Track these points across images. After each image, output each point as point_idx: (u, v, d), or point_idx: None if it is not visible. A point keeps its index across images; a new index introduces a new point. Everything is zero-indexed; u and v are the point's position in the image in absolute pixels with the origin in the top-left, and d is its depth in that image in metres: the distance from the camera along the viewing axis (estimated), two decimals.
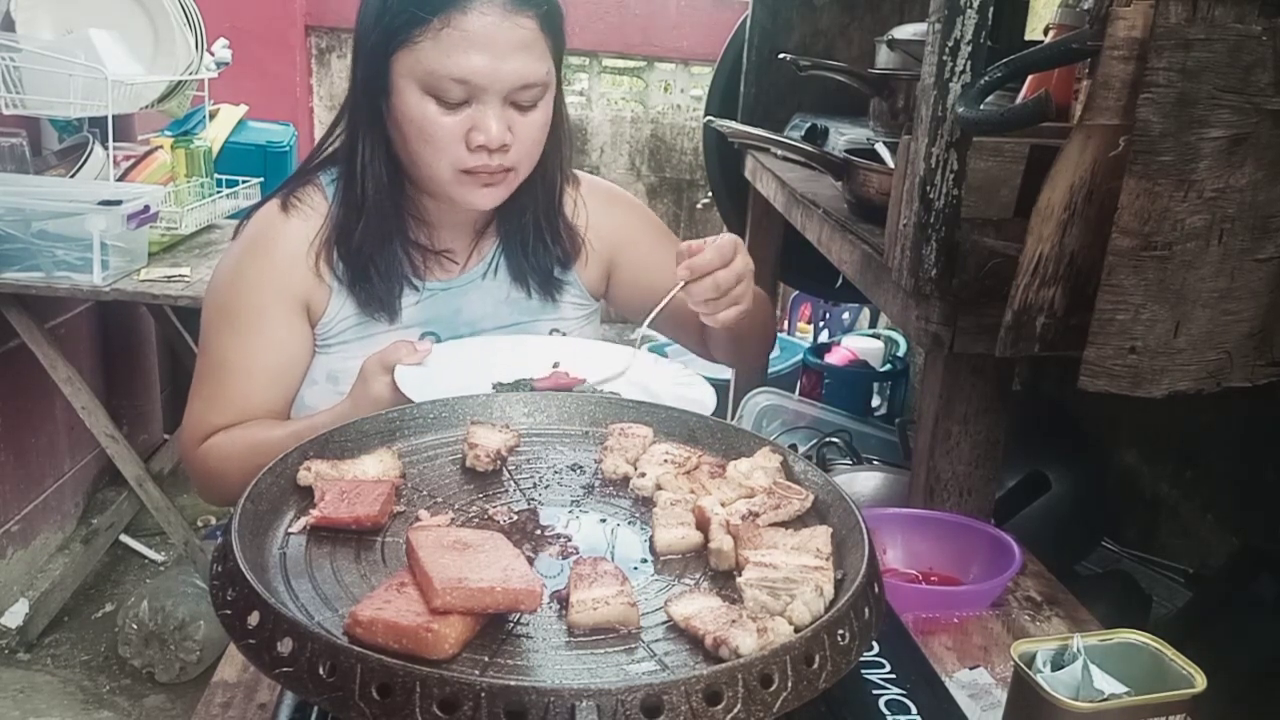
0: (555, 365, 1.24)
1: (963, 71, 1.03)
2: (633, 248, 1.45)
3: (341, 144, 1.29)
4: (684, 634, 0.66)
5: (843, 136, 1.81)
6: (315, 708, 0.70)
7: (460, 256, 1.35)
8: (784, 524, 0.80)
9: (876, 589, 0.70)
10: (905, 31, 1.79)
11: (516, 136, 1.20)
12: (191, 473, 1.30)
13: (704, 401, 1.15)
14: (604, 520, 0.83)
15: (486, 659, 0.63)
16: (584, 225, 1.41)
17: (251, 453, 1.20)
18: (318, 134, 4.11)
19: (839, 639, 0.63)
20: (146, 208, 2.35)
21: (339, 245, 1.27)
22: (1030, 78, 1.40)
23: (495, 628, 0.66)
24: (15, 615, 2.66)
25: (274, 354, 1.26)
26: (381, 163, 1.25)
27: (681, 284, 1.17)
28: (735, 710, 0.58)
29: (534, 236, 1.35)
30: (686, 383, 1.21)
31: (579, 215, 1.41)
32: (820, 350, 3.00)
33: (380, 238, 1.27)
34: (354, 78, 1.26)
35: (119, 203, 2.24)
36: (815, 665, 0.61)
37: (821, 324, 3.70)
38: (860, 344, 3.03)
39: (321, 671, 0.58)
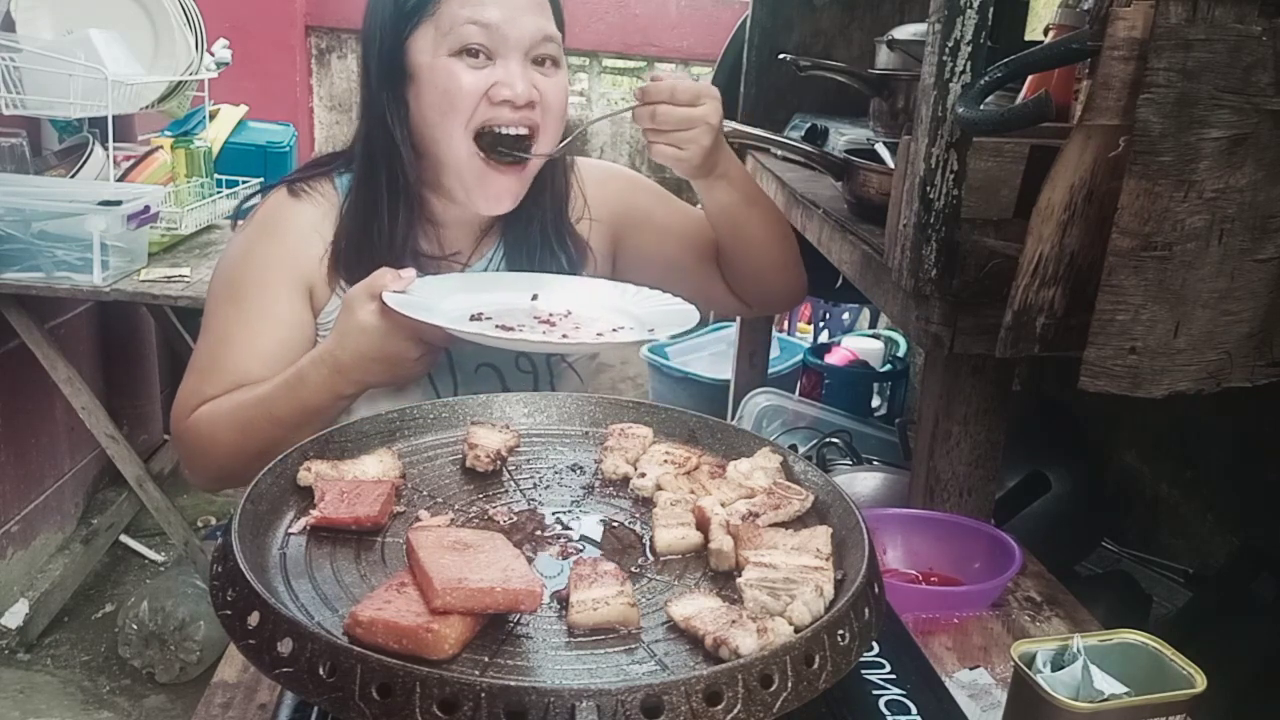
0: (534, 297, 1.27)
1: (963, 71, 1.03)
2: (633, 216, 1.46)
3: (359, 138, 1.29)
4: (684, 634, 0.66)
5: (843, 136, 1.80)
6: (315, 708, 0.70)
7: (463, 258, 1.35)
8: (784, 524, 0.80)
9: (876, 589, 0.70)
10: (905, 31, 1.79)
11: (543, 96, 1.23)
12: (180, 448, 1.28)
13: (689, 317, 1.20)
14: (604, 520, 0.83)
15: (486, 659, 0.63)
16: (586, 216, 1.42)
17: (239, 409, 1.19)
18: (318, 134, 4.11)
19: (839, 639, 0.63)
20: (146, 208, 2.35)
21: (352, 249, 1.26)
22: (1030, 78, 1.40)
23: (495, 628, 0.66)
24: (15, 615, 2.66)
25: (276, 331, 1.25)
26: (398, 152, 1.25)
27: (634, 106, 1.22)
28: (735, 710, 0.58)
29: (541, 245, 1.36)
30: (669, 303, 1.26)
31: (580, 207, 1.42)
32: (820, 350, 2.99)
33: (391, 241, 1.27)
34: (366, 70, 1.27)
35: (119, 203, 2.24)
36: (815, 665, 0.61)
37: (821, 324, 3.69)
38: (860, 344, 3.03)
39: (321, 672, 0.58)
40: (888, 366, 2.92)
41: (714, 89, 1.24)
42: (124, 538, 2.98)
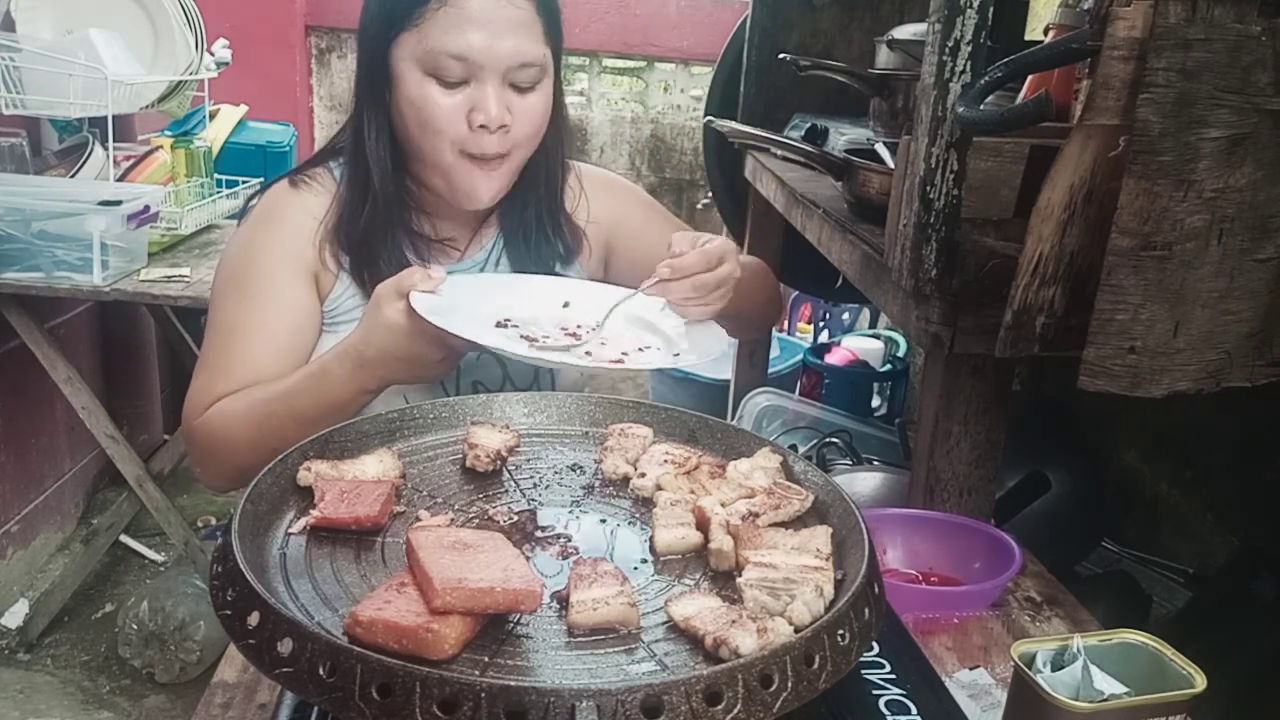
0: (566, 305, 1.26)
1: (963, 71, 1.03)
2: (628, 226, 1.46)
3: (348, 133, 1.31)
4: (684, 634, 0.66)
5: (843, 136, 1.80)
6: (315, 708, 0.70)
7: (460, 245, 1.36)
8: (784, 524, 0.80)
9: (876, 589, 0.70)
10: (905, 31, 1.79)
11: (516, 118, 1.23)
12: (193, 447, 1.26)
13: (719, 345, 1.18)
14: (604, 520, 0.83)
15: (486, 659, 0.63)
16: (584, 216, 1.42)
17: (256, 404, 1.17)
18: (318, 134, 4.11)
19: (839, 639, 0.63)
20: (146, 208, 2.35)
21: (343, 233, 1.28)
22: (1030, 78, 1.40)
23: (495, 628, 0.66)
24: (15, 615, 2.66)
25: (283, 321, 1.25)
26: (385, 151, 1.27)
27: (658, 280, 1.20)
28: (735, 710, 0.58)
29: (536, 230, 1.37)
30: (703, 327, 1.23)
31: (580, 205, 1.42)
32: (820, 350, 2.99)
33: (384, 225, 1.28)
34: (358, 68, 1.28)
35: (119, 203, 2.24)
36: (815, 665, 0.61)
37: (821, 324, 3.69)
38: (860, 344, 3.03)
39: (321, 671, 0.58)
40: (888, 366, 2.92)
41: (728, 241, 1.23)
42: (124, 538, 2.98)
